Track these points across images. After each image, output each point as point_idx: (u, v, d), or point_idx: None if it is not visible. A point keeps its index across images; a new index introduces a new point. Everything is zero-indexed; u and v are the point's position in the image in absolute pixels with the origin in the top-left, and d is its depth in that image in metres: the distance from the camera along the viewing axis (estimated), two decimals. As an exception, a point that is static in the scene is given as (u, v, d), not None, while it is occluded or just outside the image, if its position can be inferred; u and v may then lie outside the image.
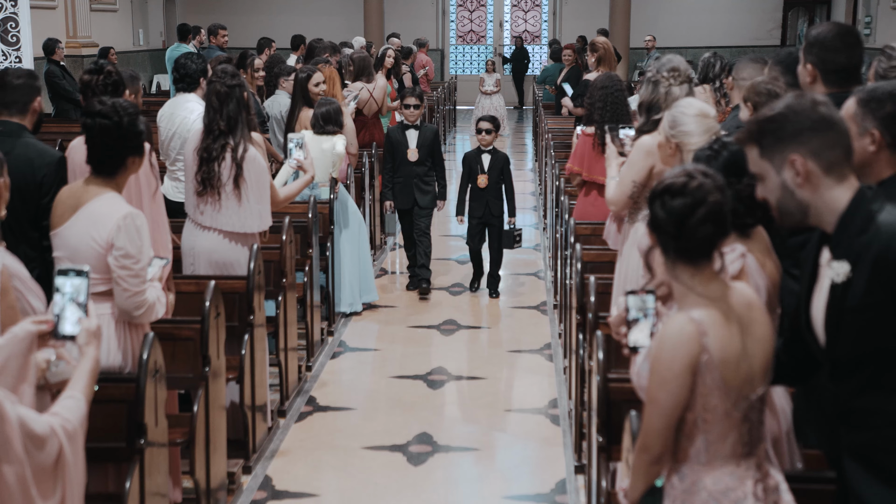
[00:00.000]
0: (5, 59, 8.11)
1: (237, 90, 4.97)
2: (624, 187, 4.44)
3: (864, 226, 2.40)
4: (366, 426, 5.36)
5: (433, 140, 7.64)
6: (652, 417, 2.45)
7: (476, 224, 7.60)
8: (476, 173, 7.52)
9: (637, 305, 2.65)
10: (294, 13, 20.80)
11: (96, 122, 3.55)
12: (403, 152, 7.56)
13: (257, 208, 5.05)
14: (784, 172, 2.47)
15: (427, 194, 7.61)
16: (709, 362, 2.39)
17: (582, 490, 4.61)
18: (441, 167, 7.71)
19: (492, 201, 7.55)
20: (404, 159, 7.56)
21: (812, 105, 2.46)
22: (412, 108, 7.59)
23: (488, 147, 7.60)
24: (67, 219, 3.58)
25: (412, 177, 7.57)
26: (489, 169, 7.53)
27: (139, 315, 3.63)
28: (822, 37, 3.59)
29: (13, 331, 2.66)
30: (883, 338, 2.39)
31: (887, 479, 2.42)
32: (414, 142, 7.57)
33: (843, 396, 2.50)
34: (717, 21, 20.86)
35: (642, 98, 4.51)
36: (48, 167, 4.25)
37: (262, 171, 5.05)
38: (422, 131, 7.60)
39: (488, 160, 7.56)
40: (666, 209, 2.40)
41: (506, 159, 7.65)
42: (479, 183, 7.49)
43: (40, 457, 2.38)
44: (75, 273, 2.67)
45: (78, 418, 2.54)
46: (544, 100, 14.09)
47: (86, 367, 2.68)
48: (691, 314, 2.41)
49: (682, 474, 2.48)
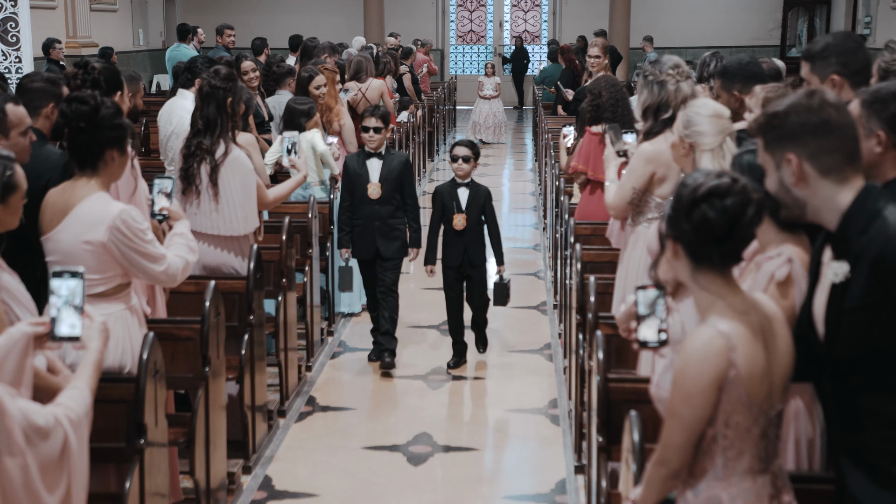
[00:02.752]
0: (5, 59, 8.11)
1: (220, 92, 4.91)
2: (624, 193, 4.42)
3: (865, 226, 2.39)
4: (366, 426, 5.36)
5: (401, 171, 6.04)
6: (673, 432, 2.39)
7: (452, 274, 6.13)
8: (451, 212, 6.01)
9: (646, 301, 2.61)
10: (294, 13, 20.80)
11: (73, 107, 3.53)
12: (363, 187, 6.01)
13: (242, 212, 4.98)
14: (781, 169, 2.48)
15: (393, 241, 6.06)
16: (735, 378, 2.33)
17: (582, 490, 4.61)
18: (413, 206, 6.12)
19: (471, 247, 6.06)
20: (364, 196, 6.01)
21: (819, 106, 2.45)
22: (371, 131, 5.99)
23: (465, 179, 6.06)
24: (57, 223, 3.57)
25: (374, 219, 6.01)
26: (468, 206, 6.02)
27: (179, 280, 3.80)
28: (833, 44, 3.51)
29: (9, 332, 2.66)
30: (881, 339, 2.39)
31: (882, 481, 2.42)
32: (376, 174, 6.00)
33: (840, 396, 2.50)
34: (717, 21, 20.85)
35: (648, 101, 4.42)
36: (53, 171, 4.21)
37: (246, 173, 4.98)
38: (387, 161, 6.02)
39: (466, 196, 6.04)
40: (718, 210, 2.32)
41: (487, 195, 6.09)
42: (456, 225, 5.99)
43: (46, 448, 2.39)
44: (70, 275, 2.66)
45: (83, 408, 2.54)
46: (544, 100, 14.10)
47: (90, 360, 2.68)
48: (719, 327, 2.35)
49: (698, 490, 2.43)
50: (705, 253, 2.37)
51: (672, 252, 2.43)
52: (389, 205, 6.01)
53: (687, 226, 2.36)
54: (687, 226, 2.36)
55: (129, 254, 3.57)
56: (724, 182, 2.35)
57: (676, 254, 2.42)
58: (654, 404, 2.59)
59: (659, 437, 2.45)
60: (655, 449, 2.48)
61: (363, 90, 9.26)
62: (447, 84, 17.62)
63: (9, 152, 2.98)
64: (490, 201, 6.10)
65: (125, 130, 3.62)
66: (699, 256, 2.38)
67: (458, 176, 6.05)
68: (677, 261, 2.43)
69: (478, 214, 6.05)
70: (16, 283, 3.12)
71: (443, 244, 6.10)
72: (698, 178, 2.40)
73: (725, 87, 4.45)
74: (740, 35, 20.60)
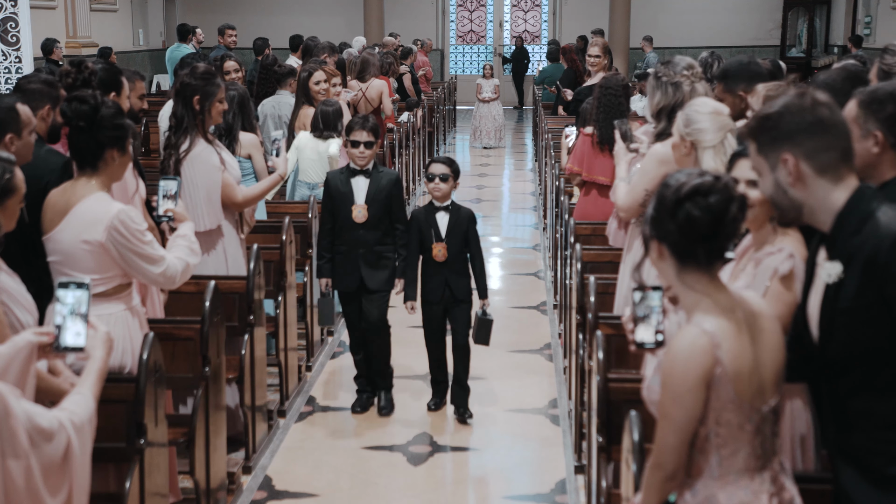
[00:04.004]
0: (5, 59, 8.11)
1: (187, 89, 4.89)
2: (636, 195, 4.37)
3: (859, 226, 2.40)
4: (366, 426, 5.36)
5: (391, 191, 5.29)
6: (666, 434, 2.39)
7: (433, 311, 5.36)
8: (429, 240, 5.22)
9: (643, 302, 2.60)
10: (294, 13, 20.81)
11: (73, 106, 3.54)
12: (347, 209, 5.26)
13: (206, 207, 4.92)
14: (777, 170, 2.48)
15: (381, 271, 5.32)
16: (722, 375, 2.34)
17: (582, 490, 4.61)
18: (403, 231, 5.33)
19: (454, 279, 5.26)
20: (348, 220, 5.27)
21: (811, 106, 2.45)
22: (362, 146, 5.26)
23: (444, 202, 5.25)
24: (58, 223, 3.56)
25: (358, 245, 5.28)
26: (448, 234, 5.22)
27: (179, 282, 3.78)
28: (881, 94, 2.83)
29: (14, 340, 2.66)
30: (873, 339, 2.39)
31: (877, 481, 2.42)
32: (362, 194, 5.26)
33: (834, 397, 2.50)
34: (717, 21, 20.86)
35: (662, 102, 4.37)
36: (52, 173, 4.21)
37: (209, 169, 4.90)
38: (374, 179, 5.28)
39: (446, 222, 5.23)
40: (702, 208, 2.33)
41: (470, 218, 5.28)
42: (435, 255, 5.22)
43: (49, 451, 2.39)
44: (76, 285, 2.67)
45: (86, 414, 2.55)
46: (544, 100, 14.10)
47: (94, 367, 2.69)
48: (703, 326, 2.35)
49: (695, 490, 2.43)
50: (691, 252, 2.38)
51: (657, 253, 2.44)
52: (377, 230, 5.28)
53: (672, 225, 2.37)
54: (672, 225, 2.37)
55: (127, 254, 3.57)
56: (707, 180, 2.37)
57: (661, 255, 2.43)
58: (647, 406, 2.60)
59: (654, 440, 2.45)
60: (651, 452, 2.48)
61: (363, 89, 9.27)
62: (447, 84, 17.63)
63: (9, 155, 2.98)
64: (474, 226, 5.29)
65: (126, 130, 3.61)
66: (684, 256, 2.39)
67: (436, 198, 5.26)
68: (662, 262, 2.44)
69: (460, 243, 5.24)
70: (16, 284, 3.11)
71: (422, 277, 5.34)
72: (680, 177, 2.41)
73: (729, 88, 4.45)
74: (740, 35, 20.61)
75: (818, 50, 20.33)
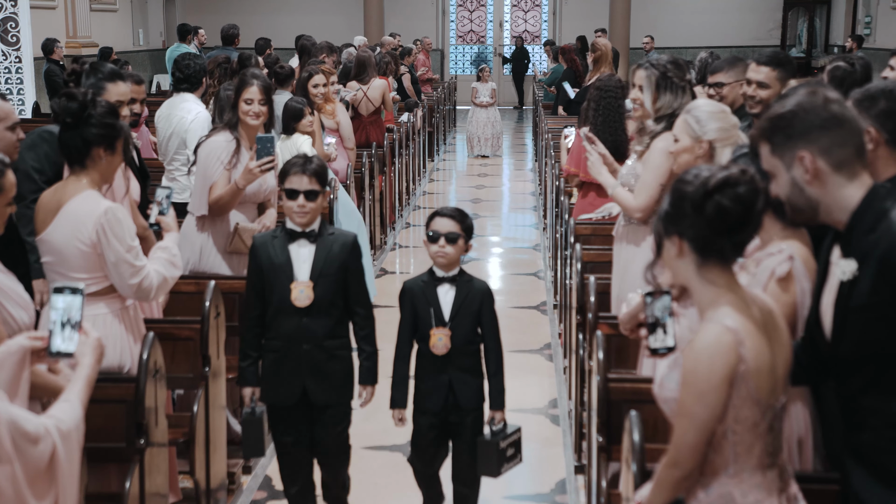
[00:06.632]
0: (5, 59, 8.12)
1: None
2: (652, 192, 4.30)
3: (874, 224, 2.40)
4: (366, 426, 5.36)
5: (345, 262, 3.77)
6: (686, 432, 2.36)
7: (429, 427, 3.90)
8: (427, 325, 3.76)
9: (656, 308, 2.57)
10: (294, 13, 20.82)
11: (62, 102, 3.53)
12: (284, 289, 3.73)
13: (198, 193, 4.93)
14: (794, 169, 2.47)
15: (331, 377, 3.83)
16: (745, 373, 2.31)
17: (582, 490, 4.61)
18: (365, 316, 3.87)
19: (459, 379, 3.79)
20: (286, 303, 3.73)
21: (823, 103, 2.46)
22: (302, 196, 3.70)
23: (451, 270, 3.78)
24: (49, 222, 3.54)
25: (300, 340, 3.75)
26: (454, 317, 3.75)
27: (153, 296, 3.68)
28: (873, 91, 2.92)
29: (7, 344, 2.65)
30: (886, 337, 2.39)
31: (887, 480, 2.42)
32: (306, 267, 3.74)
33: (845, 396, 2.50)
34: (716, 21, 20.87)
35: (671, 105, 4.34)
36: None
37: (210, 160, 4.91)
38: (322, 245, 3.76)
39: (451, 298, 3.77)
40: (733, 198, 2.31)
41: (485, 295, 3.79)
42: (434, 346, 3.75)
43: (34, 455, 2.38)
44: (70, 291, 2.66)
45: (73, 420, 2.53)
46: (544, 100, 14.10)
47: (82, 374, 2.67)
48: (726, 323, 2.33)
49: (710, 488, 2.40)
50: (716, 246, 2.35)
51: (677, 250, 2.40)
52: (327, 316, 3.76)
53: (699, 219, 2.34)
54: (699, 219, 2.34)
55: (108, 255, 3.53)
56: (734, 172, 2.35)
57: (681, 251, 2.39)
58: (657, 404, 2.57)
59: (670, 439, 2.43)
60: (666, 450, 2.45)
61: (364, 89, 9.26)
62: (447, 84, 17.63)
63: (2, 156, 2.95)
64: (490, 305, 3.81)
65: (115, 130, 3.58)
66: (708, 250, 2.36)
67: (439, 265, 3.77)
68: (681, 259, 2.40)
69: (471, 328, 3.78)
70: (11, 281, 3.10)
71: (415, 376, 3.90)
72: (701, 172, 2.38)
73: None
74: (740, 35, 20.61)
75: (818, 50, 20.34)
